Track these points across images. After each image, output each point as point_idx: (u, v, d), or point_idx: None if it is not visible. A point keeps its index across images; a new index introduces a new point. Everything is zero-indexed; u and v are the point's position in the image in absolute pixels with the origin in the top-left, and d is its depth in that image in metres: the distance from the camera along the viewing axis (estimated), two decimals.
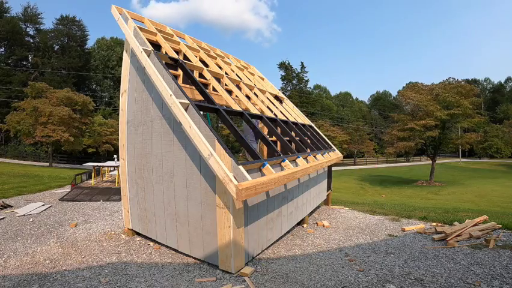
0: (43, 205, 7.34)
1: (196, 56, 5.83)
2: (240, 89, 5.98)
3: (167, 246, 4.45)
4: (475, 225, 5.25)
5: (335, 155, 7.43)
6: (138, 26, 4.79)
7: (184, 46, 5.65)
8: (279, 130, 5.80)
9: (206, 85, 5.65)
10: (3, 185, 10.52)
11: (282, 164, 4.42)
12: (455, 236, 4.81)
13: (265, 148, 7.56)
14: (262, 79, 8.69)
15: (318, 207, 7.59)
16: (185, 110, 3.65)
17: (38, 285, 3.25)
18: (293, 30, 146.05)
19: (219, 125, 42.53)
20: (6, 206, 7.02)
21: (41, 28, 46.55)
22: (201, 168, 3.75)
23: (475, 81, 70.06)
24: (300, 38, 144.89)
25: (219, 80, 5.58)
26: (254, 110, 5.45)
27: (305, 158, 5.33)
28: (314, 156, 5.69)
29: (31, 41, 45.94)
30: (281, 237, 4.92)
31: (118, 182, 9.51)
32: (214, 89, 5.70)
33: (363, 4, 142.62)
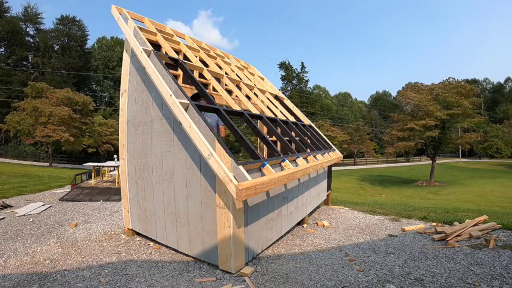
0: (43, 205, 7.34)
1: (196, 56, 5.83)
2: (240, 89, 5.98)
3: (167, 246, 4.45)
4: (475, 225, 5.25)
5: (335, 155, 7.43)
6: (138, 26, 4.79)
7: (184, 46, 5.65)
8: (279, 130, 5.80)
9: (206, 85, 5.65)
10: (3, 185, 10.52)
11: (282, 164, 4.42)
12: (455, 236, 4.81)
13: (265, 148, 7.56)
14: (262, 79, 8.69)
15: (318, 207, 7.59)
16: (185, 110, 3.65)
17: (38, 285, 3.25)
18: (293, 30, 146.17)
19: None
20: (6, 206, 7.02)
21: (41, 28, 46.57)
22: (201, 168, 3.75)
23: (474, 81, 70.06)
24: (300, 37, 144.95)
25: (219, 80, 5.58)
26: (254, 110, 5.45)
27: (305, 158, 5.33)
28: (314, 156, 5.69)
29: (31, 41, 45.91)
30: (281, 237, 4.92)
31: (118, 182, 9.51)
32: (214, 89, 5.71)
33: (362, 4, 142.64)
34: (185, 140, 3.91)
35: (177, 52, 5.56)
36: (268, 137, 5.68)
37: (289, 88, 60.33)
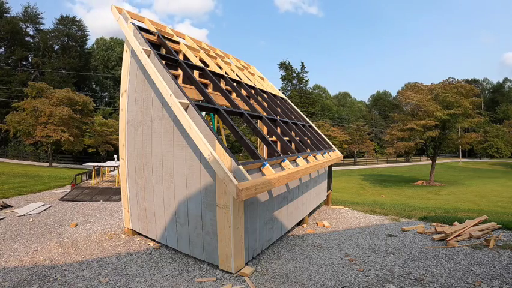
0: (43, 205, 7.34)
1: (196, 56, 5.83)
2: (240, 89, 5.99)
3: (167, 246, 4.45)
4: (475, 225, 5.25)
5: (335, 155, 7.43)
6: (138, 26, 4.79)
7: (184, 46, 5.65)
8: (279, 130, 5.80)
9: (206, 85, 5.65)
10: (3, 185, 10.52)
11: (282, 164, 4.43)
12: (455, 236, 4.82)
13: (265, 148, 7.56)
14: (262, 79, 8.69)
15: (318, 207, 7.59)
16: (185, 110, 3.65)
17: (38, 285, 3.25)
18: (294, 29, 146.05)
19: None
20: (6, 206, 7.02)
21: (41, 28, 46.56)
22: (201, 168, 3.75)
23: (474, 81, 70.01)
24: (302, 37, 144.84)
25: (219, 80, 5.58)
26: (254, 110, 5.45)
27: (305, 158, 5.33)
28: (314, 156, 5.69)
29: (31, 41, 45.89)
30: (281, 237, 4.92)
31: (118, 182, 9.52)
32: (214, 89, 5.71)
33: (362, 3, 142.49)
34: (185, 140, 3.91)
35: (177, 52, 5.56)
36: (268, 137, 5.68)
37: (289, 88, 60.33)
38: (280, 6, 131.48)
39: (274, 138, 6.74)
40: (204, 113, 5.53)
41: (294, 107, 8.62)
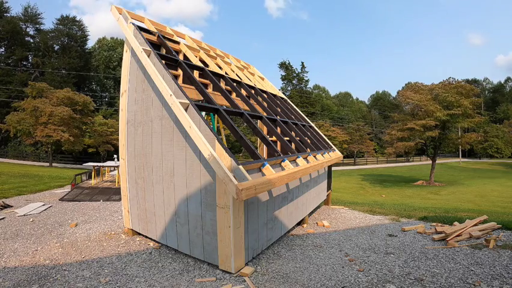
0: (43, 205, 7.34)
1: (196, 56, 5.83)
2: (240, 89, 5.99)
3: (167, 246, 4.45)
4: (475, 225, 5.25)
5: (335, 155, 7.43)
6: (138, 26, 4.79)
7: (184, 46, 5.65)
8: (279, 130, 5.80)
9: (206, 85, 5.65)
10: (3, 185, 10.53)
11: (282, 164, 4.43)
12: (455, 236, 4.81)
13: (265, 148, 7.57)
14: (262, 79, 8.69)
15: (318, 207, 7.59)
16: (185, 110, 3.65)
17: (38, 285, 3.25)
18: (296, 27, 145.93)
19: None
20: (6, 206, 7.02)
21: (41, 28, 46.56)
22: (201, 168, 3.75)
23: (474, 81, 70.02)
24: (302, 35, 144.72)
25: (219, 80, 5.58)
26: (254, 110, 5.45)
27: (305, 158, 5.33)
28: (314, 156, 5.69)
29: (31, 41, 45.88)
30: (281, 237, 4.92)
31: (118, 182, 9.52)
32: (214, 89, 5.71)
33: (362, 3, 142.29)
34: (185, 140, 3.91)
35: (177, 52, 5.56)
36: (268, 137, 5.68)
37: (289, 88, 60.35)
38: (273, 13, 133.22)
39: (274, 138, 6.74)
40: (204, 113, 5.53)
41: (294, 107, 8.62)
